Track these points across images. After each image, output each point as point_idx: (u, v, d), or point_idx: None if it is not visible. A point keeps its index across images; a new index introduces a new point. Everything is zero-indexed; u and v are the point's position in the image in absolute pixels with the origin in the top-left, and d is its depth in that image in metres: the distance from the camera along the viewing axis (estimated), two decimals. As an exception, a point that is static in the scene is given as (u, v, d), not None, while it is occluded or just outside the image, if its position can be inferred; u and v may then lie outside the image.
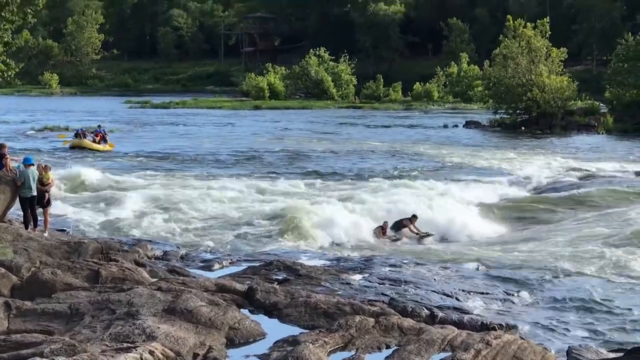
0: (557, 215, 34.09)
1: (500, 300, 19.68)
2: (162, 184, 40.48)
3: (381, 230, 29.61)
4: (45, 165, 25.25)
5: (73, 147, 56.92)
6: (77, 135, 58.63)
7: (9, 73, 27.00)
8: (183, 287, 16.57)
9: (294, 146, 60.54)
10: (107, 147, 57.55)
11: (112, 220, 31.35)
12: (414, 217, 30.46)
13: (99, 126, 62.40)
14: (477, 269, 23.34)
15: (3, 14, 25.32)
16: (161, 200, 35.29)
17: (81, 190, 38.57)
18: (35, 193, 23.58)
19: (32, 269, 17.73)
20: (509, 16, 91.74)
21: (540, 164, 50.45)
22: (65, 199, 34.89)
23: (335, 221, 30.41)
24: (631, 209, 33.36)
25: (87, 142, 57.26)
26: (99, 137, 58.18)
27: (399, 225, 30.08)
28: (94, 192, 37.96)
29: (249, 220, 31.41)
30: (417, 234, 29.92)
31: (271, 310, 16.88)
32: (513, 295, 20.15)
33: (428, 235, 30.00)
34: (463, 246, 28.17)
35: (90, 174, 42.15)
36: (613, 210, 33.58)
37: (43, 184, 24.19)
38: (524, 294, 20.33)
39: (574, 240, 27.79)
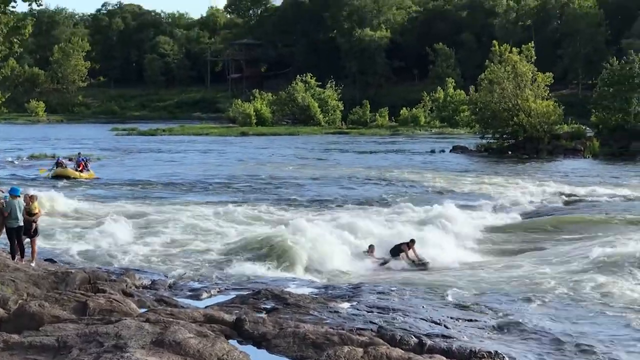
0: (544, 240, 34.14)
1: (489, 328, 19.64)
2: (148, 211, 40.39)
3: (369, 252, 29.71)
4: (32, 195, 25.21)
5: (56, 177, 56.32)
6: (58, 164, 57.99)
7: (-5, 102, 26.93)
8: (171, 319, 16.49)
9: (279, 172, 60.54)
10: (90, 175, 57.46)
11: (98, 249, 31.26)
12: (412, 241, 30.37)
13: (79, 154, 62.10)
14: (464, 295, 23.32)
15: (-11, 43, 25.31)
16: (147, 228, 35.32)
17: (66, 218, 38.51)
18: (22, 223, 23.52)
19: (20, 301, 17.64)
20: (494, 41, 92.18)
21: (527, 189, 50.49)
22: (51, 228, 34.76)
23: (322, 247, 30.39)
24: (617, 233, 33.40)
25: (71, 170, 56.98)
26: (80, 166, 57.86)
27: (397, 250, 30.01)
28: (79, 220, 37.93)
29: (235, 247, 31.34)
30: (415, 261, 29.84)
31: (260, 341, 16.81)
32: (501, 322, 20.11)
33: (425, 263, 29.82)
34: (450, 272, 28.15)
35: (74, 202, 42.23)
36: (600, 235, 33.61)
37: (30, 214, 24.14)
38: (512, 320, 20.28)
39: (561, 265, 27.82)
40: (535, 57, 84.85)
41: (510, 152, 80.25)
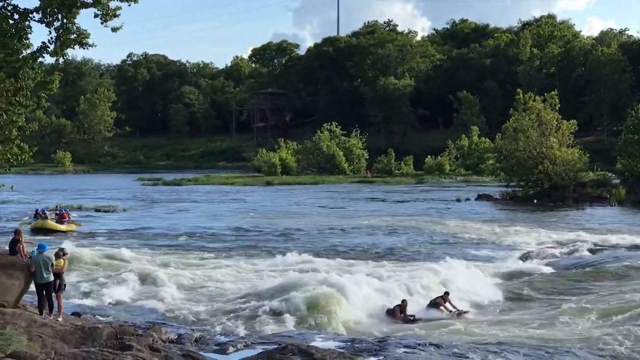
0: (572, 290, 33.81)
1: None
2: (173, 262, 40.42)
3: (399, 310, 29.47)
4: (57, 252, 25.29)
5: (35, 229, 53.41)
6: (37, 215, 56.32)
7: (23, 157, 27.08)
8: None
9: (303, 222, 60.49)
10: (71, 227, 55.39)
11: (125, 302, 31.39)
12: (447, 294, 30.50)
13: (57, 207, 61.01)
14: (490, 350, 23.11)
15: (17, 98, 25.52)
16: (173, 279, 35.30)
17: (92, 270, 38.52)
18: (51, 279, 23.60)
19: None
20: (518, 90, 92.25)
21: (553, 238, 50.26)
22: (77, 281, 34.86)
23: (349, 298, 30.37)
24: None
25: (51, 222, 54.56)
26: (64, 217, 56.13)
27: (434, 304, 30.03)
28: (105, 271, 37.93)
29: (260, 298, 31.26)
30: (453, 310, 29.84)
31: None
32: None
33: (465, 312, 29.81)
34: (477, 324, 27.99)
35: (98, 253, 42.41)
36: (629, 284, 33.30)
37: (57, 270, 24.23)
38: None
39: (591, 316, 27.49)
40: (560, 105, 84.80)
41: (535, 200, 79.94)
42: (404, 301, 29.91)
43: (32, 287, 24.00)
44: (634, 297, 29.25)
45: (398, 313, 29.37)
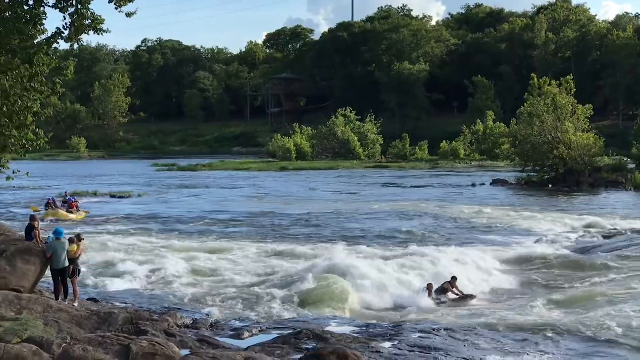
0: (587, 274, 33.69)
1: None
2: (188, 247, 40.45)
3: (429, 290, 29.58)
4: (72, 237, 25.34)
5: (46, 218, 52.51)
6: (48, 205, 55.98)
7: (39, 143, 27.18)
8: (213, 362, 16.52)
9: (318, 207, 60.44)
10: (81, 216, 55.23)
11: (141, 287, 31.52)
12: (454, 279, 30.52)
13: (65, 193, 60.73)
14: (505, 335, 23.09)
15: (33, 84, 25.58)
16: (188, 266, 35.33)
17: (109, 255, 38.56)
18: (66, 264, 23.67)
19: (63, 345, 17.71)
20: (532, 74, 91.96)
21: (568, 223, 50.10)
22: (94, 266, 34.98)
23: (364, 284, 30.43)
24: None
25: (62, 212, 54.48)
26: (73, 206, 56.01)
27: (442, 290, 30.09)
28: (122, 257, 37.98)
29: (275, 283, 31.30)
30: (460, 295, 29.91)
31: (300, 386, 16.76)
32: (544, 361, 19.93)
33: (472, 297, 29.89)
34: (491, 310, 27.94)
35: (115, 238, 42.56)
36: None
37: (71, 255, 24.29)
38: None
39: (606, 302, 27.38)
40: (575, 90, 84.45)
41: (550, 185, 79.69)
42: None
43: (48, 272, 24.11)
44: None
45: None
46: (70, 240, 24.60)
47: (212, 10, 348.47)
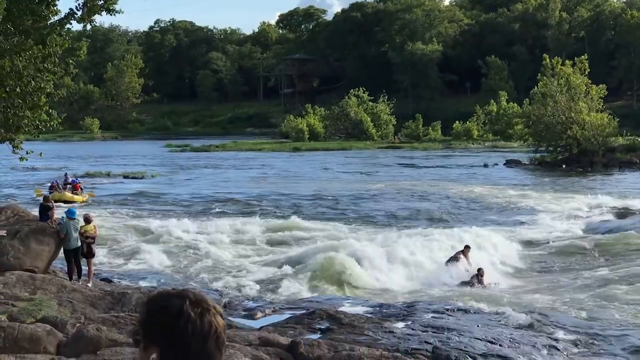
0: (603, 256, 33.63)
1: (546, 348, 19.41)
2: (200, 228, 40.42)
3: (479, 276, 29.00)
4: (87, 216, 25.42)
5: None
6: (52, 187, 54.63)
7: (52, 123, 27.26)
8: (227, 342, 16.50)
9: (330, 188, 60.41)
10: (85, 197, 54.65)
11: (155, 267, 31.56)
12: (467, 247, 30.66)
13: (65, 175, 59.46)
14: (520, 314, 23.04)
15: (46, 65, 25.61)
16: (200, 246, 35.37)
17: (123, 236, 38.64)
18: (79, 244, 23.75)
19: (77, 324, 17.77)
20: (545, 55, 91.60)
21: (582, 203, 49.93)
22: (108, 247, 35.07)
23: (377, 264, 30.44)
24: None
25: (68, 194, 53.37)
26: (77, 188, 55.35)
27: (454, 259, 30.07)
28: (136, 237, 38.07)
29: (289, 264, 31.30)
30: (468, 269, 29.71)
31: (315, 364, 16.76)
32: (558, 342, 19.87)
33: (481, 273, 29.54)
34: (505, 290, 27.94)
35: (130, 219, 42.58)
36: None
37: (84, 235, 24.36)
38: (570, 340, 20.05)
39: (624, 285, 27.29)
40: (589, 70, 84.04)
41: (564, 166, 79.55)
42: (480, 270, 29.48)
43: (61, 253, 24.20)
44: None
45: (476, 280, 29.34)
46: (87, 220, 24.70)
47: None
